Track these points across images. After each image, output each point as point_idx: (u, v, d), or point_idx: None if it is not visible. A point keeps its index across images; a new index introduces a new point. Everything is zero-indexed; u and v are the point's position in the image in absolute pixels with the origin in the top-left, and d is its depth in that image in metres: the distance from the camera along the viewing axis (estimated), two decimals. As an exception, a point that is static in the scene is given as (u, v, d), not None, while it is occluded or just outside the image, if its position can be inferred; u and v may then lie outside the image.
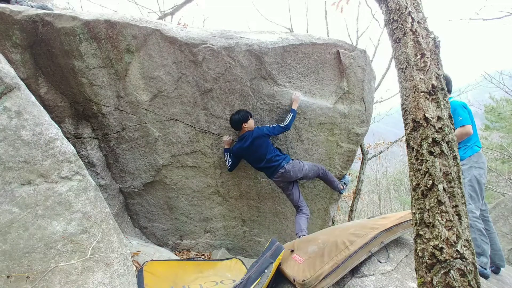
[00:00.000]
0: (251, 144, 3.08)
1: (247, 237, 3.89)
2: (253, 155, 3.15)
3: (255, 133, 3.09)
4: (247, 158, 3.24)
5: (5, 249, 1.68)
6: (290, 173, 3.13)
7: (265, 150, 3.11)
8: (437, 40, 1.56)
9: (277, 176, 3.17)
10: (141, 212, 3.69)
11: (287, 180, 3.21)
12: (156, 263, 2.68)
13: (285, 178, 3.17)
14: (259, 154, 3.12)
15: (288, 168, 3.12)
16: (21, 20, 2.69)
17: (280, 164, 3.12)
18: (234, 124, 3.14)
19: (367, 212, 14.13)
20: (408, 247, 2.57)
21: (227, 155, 3.29)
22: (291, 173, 3.13)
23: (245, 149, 3.12)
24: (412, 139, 1.47)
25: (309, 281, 2.11)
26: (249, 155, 3.17)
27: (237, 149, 3.19)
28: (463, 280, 1.18)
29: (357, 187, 5.74)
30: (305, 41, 3.20)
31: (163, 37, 2.92)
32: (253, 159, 3.19)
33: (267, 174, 3.28)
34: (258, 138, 3.09)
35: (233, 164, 3.28)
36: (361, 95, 3.49)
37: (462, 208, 1.29)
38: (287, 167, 3.12)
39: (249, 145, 3.09)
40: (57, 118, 3.02)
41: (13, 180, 1.81)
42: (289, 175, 3.14)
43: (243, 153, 3.17)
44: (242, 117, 3.10)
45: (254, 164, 3.25)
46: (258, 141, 3.09)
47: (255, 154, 3.14)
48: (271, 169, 3.16)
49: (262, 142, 3.10)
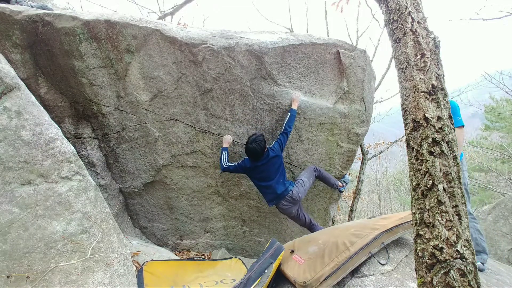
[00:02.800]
0: (267, 162, 3.03)
1: (247, 237, 3.89)
2: (262, 173, 3.08)
3: (272, 153, 3.04)
4: (253, 175, 3.16)
5: (5, 249, 1.68)
6: (299, 196, 3.11)
7: (276, 170, 3.07)
8: (437, 40, 1.56)
9: (285, 201, 3.11)
10: (141, 212, 3.69)
11: (295, 203, 3.17)
12: (156, 263, 2.68)
13: (295, 202, 3.14)
14: (269, 173, 3.07)
15: (295, 192, 3.09)
16: (21, 20, 2.69)
17: (287, 188, 3.10)
18: (257, 154, 2.96)
19: (367, 212, 14.13)
20: (408, 247, 2.57)
21: (224, 154, 3.19)
22: (299, 195, 3.11)
23: (258, 167, 3.05)
24: (412, 139, 1.47)
25: (310, 283, 2.11)
26: (259, 173, 3.09)
27: (248, 165, 3.07)
28: (463, 280, 1.18)
29: (357, 187, 5.74)
30: (305, 41, 3.20)
31: (163, 37, 2.92)
32: (260, 176, 3.11)
33: (269, 196, 3.16)
34: (276, 157, 3.05)
35: (231, 170, 3.15)
36: (361, 95, 3.49)
37: (462, 208, 1.29)
38: (294, 191, 3.10)
39: (265, 163, 3.03)
40: (57, 118, 3.02)
41: (13, 180, 1.81)
42: (297, 198, 3.11)
43: (252, 170, 3.10)
44: (264, 144, 2.99)
45: (258, 182, 3.16)
46: (274, 159, 3.05)
47: (264, 173, 3.07)
48: (276, 192, 3.09)
49: (277, 160, 3.07)
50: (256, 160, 3.02)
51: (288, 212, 3.22)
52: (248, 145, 2.98)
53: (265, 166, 3.05)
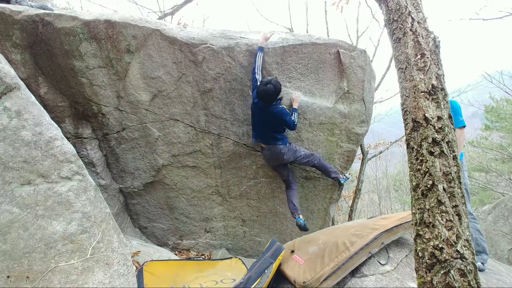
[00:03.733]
0: (270, 113, 2.90)
1: (247, 237, 3.89)
2: (263, 118, 2.96)
3: (284, 111, 2.91)
4: (255, 112, 3.01)
5: (5, 249, 1.68)
6: (284, 156, 3.07)
7: (274, 123, 2.97)
8: (437, 40, 1.56)
9: (269, 151, 3.08)
10: (141, 212, 3.69)
11: (277, 161, 3.14)
12: (156, 263, 2.68)
13: (276, 157, 3.10)
14: (270, 123, 2.97)
15: (283, 151, 3.05)
16: (21, 20, 2.69)
17: (277, 143, 3.04)
18: (269, 98, 2.79)
19: (367, 212, 14.14)
20: (408, 247, 2.57)
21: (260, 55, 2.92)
22: (285, 156, 3.07)
23: (261, 109, 2.91)
24: (412, 139, 1.47)
25: (310, 283, 2.11)
26: (260, 115, 2.96)
27: (255, 102, 2.92)
28: (463, 280, 1.18)
29: (357, 187, 5.74)
30: (305, 41, 3.20)
31: (163, 37, 2.92)
32: (261, 119, 2.98)
33: (261, 140, 3.09)
34: (283, 120, 2.92)
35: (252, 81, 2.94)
36: (361, 95, 3.49)
37: (462, 208, 1.29)
38: (283, 149, 3.05)
39: (268, 112, 2.90)
40: (57, 118, 3.02)
41: (13, 180, 1.81)
42: (281, 158, 3.08)
43: (256, 108, 2.95)
44: (279, 89, 2.83)
45: (256, 126, 3.07)
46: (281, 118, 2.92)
47: (266, 120, 2.96)
48: (268, 140, 3.04)
49: (281, 122, 2.96)
50: (265, 104, 2.87)
51: (268, 161, 3.22)
52: (261, 87, 2.77)
53: (266, 115, 2.92)
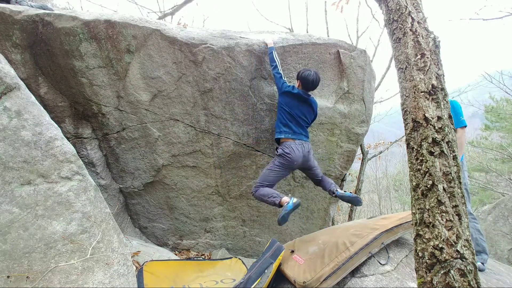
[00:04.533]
0: (310, 104, 2.89)
1: (247, 237, 3.89)
2: (302, 110, 2.88)
3: (316, 103, 2.96)
4: (294, 104, 2.85)
5: (5, 249, 1.68)
6: (310, 155, 2.90)
7: (311, 115, 2.95)
8: (437, 40, 1.56)
9: (301, 147, 2.82)
10: (141, 212, 3.69)
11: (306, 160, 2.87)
12: (156, 263, 2.68)
13: (307, 155, 2.86)
14: (306, 116, 2.91)
15: (309, 149, 2.90)
16: (21, 20, 2.69)
17: (308, 140, 2.93)
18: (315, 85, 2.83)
19: (367, 212, 14.13)
20: (408, 247, 2.57)
21: (275, 53, 2.94)
22: (310, 155, 2.90)
23: (301, 100, 2.84)
24: (412, 139, 1.47)
25: (310, 283, 2.11)
26: (298, 106, 2.86)
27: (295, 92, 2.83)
28: (463, 280, 1.18)
29: (357, 187, 5.74)
30: (305, 41, 3.20)
31: (163, 37, 2.92)
32: (300, 111, 2.87)
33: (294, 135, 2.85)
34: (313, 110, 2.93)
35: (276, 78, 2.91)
36: (361, 95, 3.49)
37: (462, 208, 1.29)
38: (310, 146, 2.93)
39: (309, 103, 2.88)
40: (57, 118, 3.02)
41: (13, 180, 1.81)
42: (309, 156, 2.88)
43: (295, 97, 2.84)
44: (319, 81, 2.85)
45: (297, 116, 2.87)
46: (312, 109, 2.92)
47: (304, 112, 2.89)
48: (300, 135, 2.87)
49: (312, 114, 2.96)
50: (308, 90, 2.86)
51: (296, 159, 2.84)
52: (307, 71, 2.80)
53: (306, 107, 2.87)
